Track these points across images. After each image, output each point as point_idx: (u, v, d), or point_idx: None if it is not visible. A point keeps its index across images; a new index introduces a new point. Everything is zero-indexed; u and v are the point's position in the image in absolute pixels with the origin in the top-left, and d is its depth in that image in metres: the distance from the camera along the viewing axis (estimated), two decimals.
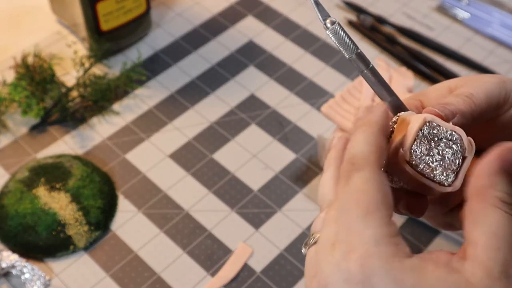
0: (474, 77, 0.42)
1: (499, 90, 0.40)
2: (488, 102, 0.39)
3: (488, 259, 0.30)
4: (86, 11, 0.75)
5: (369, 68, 0.39)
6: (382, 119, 0.35)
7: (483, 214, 0.32)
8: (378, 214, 0.31)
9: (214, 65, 0.82)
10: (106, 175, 0.69)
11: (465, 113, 0.38)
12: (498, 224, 0.31)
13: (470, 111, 0.38)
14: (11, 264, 0.61)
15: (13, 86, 0.73)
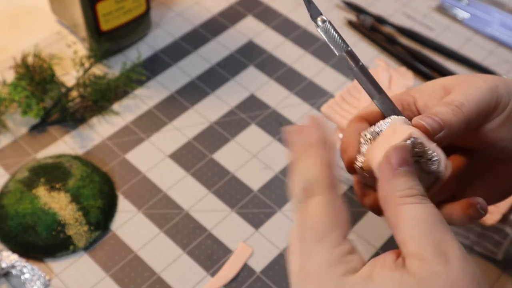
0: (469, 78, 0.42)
1: (490, 97, 0.40)
2: (478, 112, 0.40)
3: (420, 249, 0.32)
4: (86, 11, 0.75)
5: (359, 65, 0.40)
6: (321, 137, 0.36)
7: (397, 217, 0.34)
8: (330, 237, 0.33)
9: (214, 65, 0.82)
10: (106, 175, 0.69)
11: (453, 126, 0.39)
12: (413, 215, 0.33)
13: (458, 123, 0.39)
14: (11, 264, 0.61)
15: (13, 86, 0.73)
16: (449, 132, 0.39)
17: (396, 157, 0.35)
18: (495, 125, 0.41)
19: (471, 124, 0.40)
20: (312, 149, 0.36)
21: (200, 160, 0.72)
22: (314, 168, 0.35)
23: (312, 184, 0.35)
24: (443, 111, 0.39)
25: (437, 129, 0.38)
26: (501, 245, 0.62)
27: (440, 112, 0.39)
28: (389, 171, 0.35)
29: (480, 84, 0.41)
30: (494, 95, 0.40)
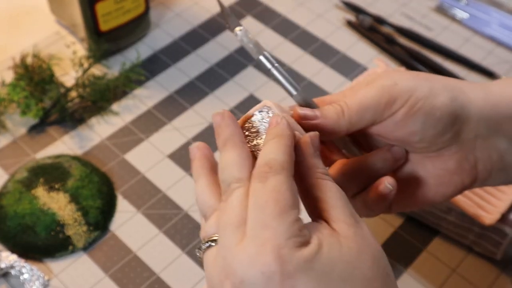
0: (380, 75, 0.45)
1: (378, 97, 0.43)
2: (360, 110, 0.43)
3: (342, 215, 0.38)
4: (85, 11, 0.75)
5: (275, 66, 0.45)
6: (289, 132, 0.40)
7: (321, 188, 0.39)
8: (291, 213, 0.36)
9: (213, 65, 0.82)
10: (105, 176, 0.69)
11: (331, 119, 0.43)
12: (334, 190, 0.39)
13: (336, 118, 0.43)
14: (10, 264, 0.61)
15: (12, 86, 0.73)
16: (327, 122, 0.43)
17: (316, 141, 0.40)
18: (396, 121, 0.43)
19: (355, 121, 0.43)
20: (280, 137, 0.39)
21: None
22: (280, 151, 0.38)
23: (276, 163, 0.37)
24: (326, 106, 0.44)
25: (310, 116, 0.43)
26: (500, 245, 0.62)
27: (323, 107, 0.44)
28: (310, 151, 0.40)
29: (377, 82, 0.43)
30: (385, 94, 0.43)
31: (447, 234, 0.65)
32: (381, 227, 0.67)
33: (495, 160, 0.45)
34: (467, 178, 0.45)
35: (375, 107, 0.43)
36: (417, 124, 0.43)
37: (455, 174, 0.45)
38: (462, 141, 0.44)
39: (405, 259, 0.64)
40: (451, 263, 0.64)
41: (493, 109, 0.44)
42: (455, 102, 0.43)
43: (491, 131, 0.44)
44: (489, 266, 0.64)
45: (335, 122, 0.43)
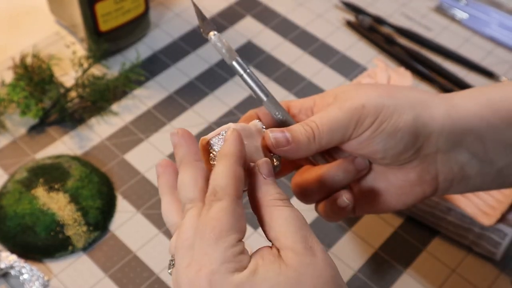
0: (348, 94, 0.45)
1: (348, 120, 0.44)
2: (330, 134, 0.44)
3: (292, 243, 0.38)
4: (85, 11, 0.75)
5: (246, 72, 0.46)
6: (237, 150, 0.41)
7: (272, 217, 0.40)
8: (227, 239, 0.38)
9: (213, 65, 0.82)
10: (105, 176, 0.69)
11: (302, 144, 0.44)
12: (285, 216, 0.39)
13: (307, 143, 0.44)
14: (9, 264, 0.61)
15: (11, 86, 0.73)
16: (298, 147, 0.44)
17: (266, 168, 0.42)
18: (361, 141, 0.45)
19: (325, 143, 0.45)
20: (226, 159, 0.41)
21: None
22: (224, 176, 0.40)
23: (220, 189, 0.39)
24: (298, 129, 0.44)
25: (283, 143, 0.44)
26: (499, 245, 0.62)
27: (294, 130, 0.44)
28: (261, 179, 0.41)
29: (346, 104, 0.44)
30: (355, 117, 0.44)
31: (446, 234, 0.65)
32: (381, 227, 0.67)
33: (456, 171, 0.46)
34: (428, 189, 0.47)
35: (344, 131, 0.44)
36: (380, 144, 0.44)
37: (416, 185, 0.46)
38: (424, 156, 0.45)
39: (404, 259, 0.64)
40: (450, 263, 0.64)
41: (454, 123, 0.45)
42: (417, 121, 0.44)
43: (452, 145, 0.45)
44: (489, 266, 0.64)
45: (306, 147, 0.44)
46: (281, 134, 0.44)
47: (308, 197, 0.47)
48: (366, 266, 0.64)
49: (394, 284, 0.63)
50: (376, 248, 0.65)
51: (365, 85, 0.46)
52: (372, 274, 0.63)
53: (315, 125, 0.44)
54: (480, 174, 0.46)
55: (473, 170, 0.46)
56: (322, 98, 0.47)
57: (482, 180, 0.46)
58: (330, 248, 0.65)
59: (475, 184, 0.47)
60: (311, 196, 0.47)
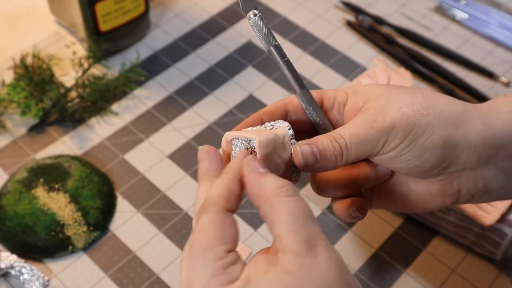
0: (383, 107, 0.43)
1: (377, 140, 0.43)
2: (358, 154, 0.43)
3: (292, 244, 0.36)
4: (85, 11, 0.75)
5: (284, 60, 0.44)
6: (238, 166, 0.40)
7: (274, 211, 0.37)
8: (215, 250, 0.36)
9: (213, 65, 0.82)
10: (105, 176, 0.70)
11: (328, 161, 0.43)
12: (289, 210, 0.37)
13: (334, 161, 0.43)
14: (10, 264, 0.61)
15: (12, 86, 0.73)
16: (325, 165, 0.43)
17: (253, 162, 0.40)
18: (386, 158, 0.44)
19: (351, 160, 0.43)
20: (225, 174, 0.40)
21: None
22: (218, 188, 0.39)
23: (208, 202, 0.39)
24: (326, 146, 0.43)
25: (311, 162, 0.42)
26: (499, 245, 0.62)
27: (323, 147, 0.43)
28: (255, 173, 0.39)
29: (377, 122, 0.43)
30: (384, 137, 0.43)
31: (446, 234, 0.65)
32: (381, 227, 0.67)
33: (480, 186, 0.45)
34: (448, 200, 0.46)
35: (372, 150, 0.43)
36: (405, 163, 0.43)
37: (437, 197, 0.46)
38: (449, 172, 0.44)
39: (404, 259, 0.64)
40: (450, 263, 0.64)
41: (487, 142, 0.43)
42: (447, 142, 0.43)
43: (481, 162, 0.44)
44: (489, 266, 0.64)
45: (333, 164, 0.43)
46: (310, 151, 0.42)
47: (324, 193, 0.46)
48: (366, 266, 0.64)
49: (394, 284, 0.63)
50: (376, 248, 0.65)
51: (401, 95, 0.44)
52: (372, 274, 0.63)
53: (344, 143, 0.43)
54: (505, 187, 0.45)
55: (499, 185, 0.45)
56: (354, 95, 0.46)
57: (506, 192, 0.45)
58: None
59: (498, 196, 0.46)
60: (327, 193, 0.46)
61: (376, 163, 0.45)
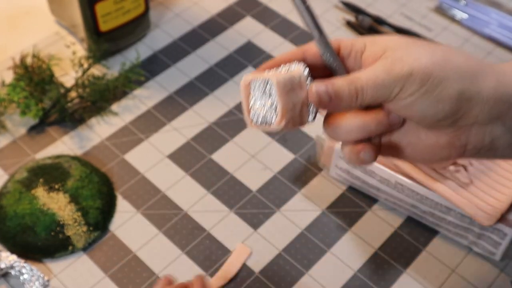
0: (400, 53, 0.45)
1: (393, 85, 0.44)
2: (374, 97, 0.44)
3: None
4: (85, 11, 0.75)
5: (306, 5, 0.44)
6: None
7: None
8: None
9: (213, 65, 0.82)
10: (105, 176, 0.70)
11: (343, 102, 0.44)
12: None
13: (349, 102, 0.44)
14: (10, 264, 0.61)
15: (11, 86, 0.73)
16: (339, 105, 0.44)
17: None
18: (401, 105, 0.44)
19: (365, 104, 0.45)
20: None
21: (199, 161, 0.72)
22: None
23: None
24: (342, 87, 0.44)
25: (325, 101, 0.44)
26: (499, 245, 0.62)
27: (338, 87, 0.44)
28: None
29: (395, 68, 0.44)
30: (400, 84, 0.43)
31: (446, 234, 0.66)
32: (381, 227, 0.67)
33: (487, 143, 0.46)
34: (454, 153, 0.47)
35: (387, 95, 0.44)
36: (419, 112, 0.44)
37: (444, 148, 0.47)
38: (460, 125, 0.45)
39: (404, 259, 0.64)
40: (450, 263, 0.64)
41: (500, 98, 0.44)
42: (462, 94, 0.44)
43: (491, 118, 0.45)
44: (489, 266, 0.64)
45: (347, 105, 0.44)
46: (325, 90, 0.44)
47: (336, 136, 0.47)
48: (366, 266, 0.64)
49: (394, 284, 0.63)
50: (376, 248, 0.65)
51: (418, 46, 0.46)
52: (372, 274, 0.63)
53: (359, 86, 0.44)
54: (510, 147, 0.46)
55: (505, 143, 0.46)
56: (372, 45, 0.47)
57: (511, 151, 0.47)
58: (330, 248, 0.65)
59: (503, 154, 0.47)
60: (339, 136, 0.47)
61: (391, 109, 0.46)
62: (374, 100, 0.44)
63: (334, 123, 0.47)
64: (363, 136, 0.47)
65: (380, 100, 0.45)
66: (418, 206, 0.64)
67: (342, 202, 0.69)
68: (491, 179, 0.62)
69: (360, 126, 0.46)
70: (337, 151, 0.66)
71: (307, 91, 0.44)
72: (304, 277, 0.63)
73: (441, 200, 0.62)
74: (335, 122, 0.47)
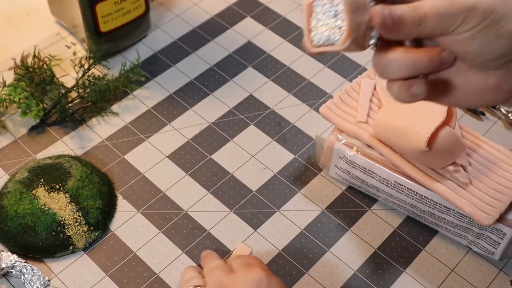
0: None
1: (456, 15, 0.43)
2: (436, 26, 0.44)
3: None
4: (85, 12, 0.75)
5: None
6: None
7: None
8: None
9: (213, 65, 0.82)
10: (105, 176, 0.70)
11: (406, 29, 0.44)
12: None
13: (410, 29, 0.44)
14: (10, 264, 0.61)
15: (12, 87, 0.73)
16: (401, 31, 0.44)
17: None
18: (459, 39, 0.44)
19: (426, 33, 0.44)
20: None
21: (199, 161, 0.72)
22: None
23: None
24: (406, 13, 0.44)
25: (388, 24, 0.43)
26: (498, 245, 0.62)
27: (402, 13, 0.44)
28: None
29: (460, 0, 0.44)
30: (462, 15, 0.43)
31: (445, 234, 0.66)
32: (380, 227, 0.67)
33: None
34: (500, 97, 0.47)
35: (449, 26, 0.44)
36: (476, 47, 0.44)
37: (491, 91, 0.46)
38: (511, 68, 0.45)
39: (404, 258, 0.65)
40: (449, 262, 0.64)
41: None
42: None
43: None
44: (488, 266, 0.64)
45: (408, 32, 0.44)
46: (389, 14, 0.44)
47: (386, 72, 0.46)
48: (366, 265, 0.64)
49: (393, 284, 0.63)
50: (376, 247, 0.65)
51: None
52: (372, 274, 0.64)
53: (423, 13, 0.44)
54: None
55: None
56: None
57: None
58: (330, 248, 0.65)
59: None
60: (390, 72, 0.47)
61: (445, 44, 0.45)
62: (433, 31, 0.44)
63: (386, 58, 0.46)
64: (413, 73, 0.46)
65: (439, 32, 0.44)
66: (417, 206, 0.65)
67: (341, 202, 0.69)
68: (490, 179, 0.62)
69: (412, 62, 0.46)
70: (336, 151, 0.67)
71: (371, 13, 0.43)
72: (304, 276, 0.63)
73: (440, 200, 0.62)
74: (388, 58, 0.46)
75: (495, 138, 0.74)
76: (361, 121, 0.65)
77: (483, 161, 0.63)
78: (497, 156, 0.64)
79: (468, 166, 0.62)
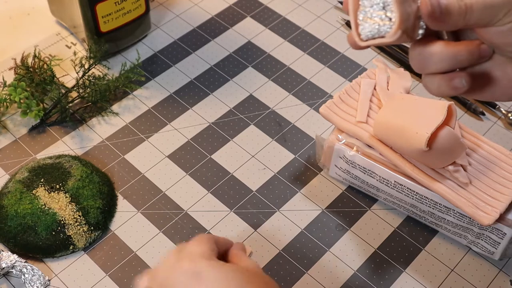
0: None
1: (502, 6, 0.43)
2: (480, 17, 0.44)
3: None
4: (86, 12, 0.75)
5: None
6: None
7: None
8: None
9: (213, 65, 0.82)
10: (106, 176, 0.70)
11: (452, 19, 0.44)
12: None
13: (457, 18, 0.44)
14: (11, 264, 0.61)
15: (13, 87, 0.73)
16: (447, 20, 0.44)
17: None
18: (501, 30, 0.44)
19: (471, 23, 0.44)
20: None
21: (199, 161, 0.72)
22: None
23: None
24: (453, 2, 0.44)
25: (436, 13, 0.43)
26: (498, 245, 0.62)
27: (449, 1, 0.44)
28: None
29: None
30: (506, 7, 0.43)
31: (445, 234, 0.66)
32: (380, 227, 0.67)
33: None
34: None
35: (493, 17, 0.44)
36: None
37: None
38: None
39: (404, 258, 0.65)
40: (449, 262, 0.65)
41: None
42: None
43: None
44: (488, 266, 0.64)
45: (454, 22, 0.44)
46: (437, 3, 0.44)
47: (425, 66, 0.46)
48: (366, 265, 0.64)
49: (393, 284, 0.63)
50: (376, 247, 0.65)
51: None
52: (372, 274, 0.64)
53: (469, 4, 0.44)
54: None
55: None
56: None
57: None
58: (330, 247, 0.65)
59: None
60: (429, 66, 0.46)
61: (486, 36, 0.46)
62: (478, 21, 0.44)
63: (426, 51, 0.46)
64: (453, 67, 0.46)
65: (483, 23, 0.44)
66: (417, 206, 0.65)
67: (341, 202, 0.69)
68: (490, 179, 0.62)
69: (453, 55, 0.46)
70: (336, 151, 0.67)
71: (418, 3, 0.43)
72: (304, 276, 0.63)
73: (440, 200, 0.62)
74: (428, 51, 0.46)
75: (495, 138, 0.74)
76: (361, 121, 0.65)
77: (483, 161, 0.63)
78: (497, 156, 0.64)
79: (468, 166, 0.62)
